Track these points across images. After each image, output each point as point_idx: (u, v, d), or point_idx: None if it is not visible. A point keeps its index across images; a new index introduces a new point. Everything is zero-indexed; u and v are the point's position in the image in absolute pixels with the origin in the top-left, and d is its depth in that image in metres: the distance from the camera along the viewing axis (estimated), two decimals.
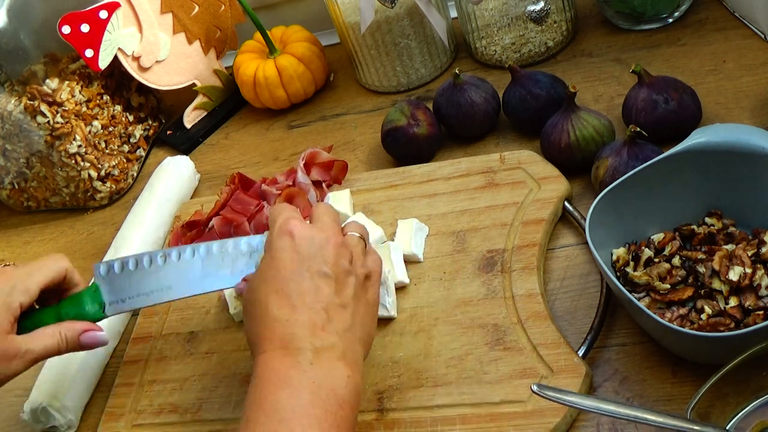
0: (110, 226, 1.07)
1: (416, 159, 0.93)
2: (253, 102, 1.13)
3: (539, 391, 0.58)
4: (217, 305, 0.87)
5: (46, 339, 0.69)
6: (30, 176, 1.08)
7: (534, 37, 1.00)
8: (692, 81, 0.87)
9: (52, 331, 0.70)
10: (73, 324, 0.71)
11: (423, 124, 0.92)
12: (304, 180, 0.91)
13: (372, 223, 0.85)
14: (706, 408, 0.57)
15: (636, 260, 0.72)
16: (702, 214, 0.74)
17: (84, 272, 1.00)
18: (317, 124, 1.09)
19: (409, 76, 1.06)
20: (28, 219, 1.14)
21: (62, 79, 1.04)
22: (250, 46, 1.12)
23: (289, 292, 0.62)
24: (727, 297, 0.67)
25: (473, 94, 0.91)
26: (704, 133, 0.71)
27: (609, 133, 0.84)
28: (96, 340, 0.71)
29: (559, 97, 0.87)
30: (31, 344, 0.68)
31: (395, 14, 1.00)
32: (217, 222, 0.91)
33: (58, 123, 1.02)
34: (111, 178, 1.09)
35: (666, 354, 0.67)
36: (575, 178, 0.84)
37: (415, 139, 0.92)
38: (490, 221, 0.82)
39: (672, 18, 0.98)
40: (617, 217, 0.71)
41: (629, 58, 0.97)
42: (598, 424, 0.65)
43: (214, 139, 1.15)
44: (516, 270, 0.76)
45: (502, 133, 0.94)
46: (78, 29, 1.00)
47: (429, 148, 0.94)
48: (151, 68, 1.09)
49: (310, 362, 0.60)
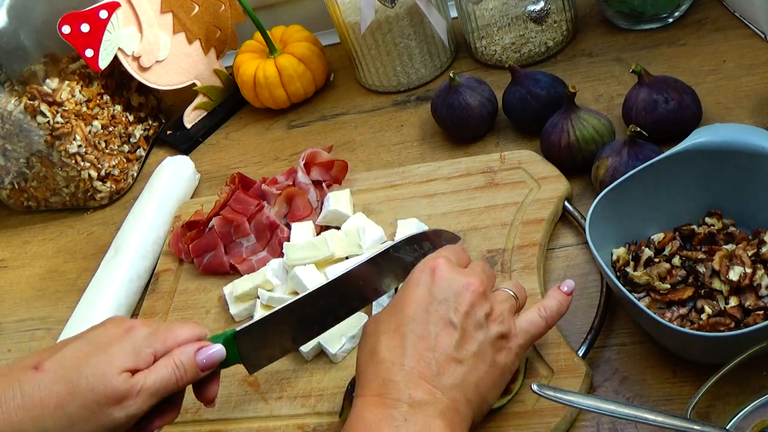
0: (110, 226, 1.07)
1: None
2: (253, 102, 1.13)
3: (539, 390, 0.58)
4: (218, 305, 0.87)
5: (159, 370, 0.60)
6: (30, 176, 1.08)
7: (534, 37, 1.00)
8: (692, 81, 0.87)
9: (163, 361, 0.61)
10: (182, 348, 0.62)
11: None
12: (304, 180, 0.92)
13: (372, 223, 0.85)
14: (706, 408, 0.57)
15: (636, 260, 0.72)
16: (702, 214, 0.74)
17: (84, 272, 1.01)
18: (317, 124, 1.09)
19: (409, 76, 1.06)
20: (28, 219, 1.14)
21: (62, 79, 1.04)
22: (250, 46, 1.12)
23: (405, 333, 0.58)
24: (727, 297, 0.67)
25: (468, 97, 0.91)
26: (704, 133, 0.71)
27: (609, 133, 0.84)
28: (213, 356, 0.63)
29: (559, 97, 0.87)
30: (143, 380, 0.59)
31: (395, 14, 1.00)
32: (217, 222, 0.91)
33: (58, 123, 1.02)
34: (111, 178, 1.09)
35: (666, 354, 0.67)
36: (575, 178, 0.84)
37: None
38: (490, 221, 0.82)
39: (672, 18, 0.98)
40: (617, 217, 0.71)
41: (629, 58, 0.97)
42: (598, 423, 0.65)
43: (214, 139, 1.15)
44: (516, 270, 0.76)
45: (502, 133, 0.95)
46: (78, 29, 1.00)
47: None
48: (151, 68, 1.09)
49: (404, 418, 0.55)
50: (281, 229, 0.88)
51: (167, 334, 0.63)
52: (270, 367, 0.77)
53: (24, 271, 1.06)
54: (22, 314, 0.99)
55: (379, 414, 0.55)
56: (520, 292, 0.65)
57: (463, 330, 0.59)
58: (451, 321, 0.59)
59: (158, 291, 0.91)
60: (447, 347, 0.58)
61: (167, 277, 0.93)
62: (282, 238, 0.88)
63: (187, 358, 0.62)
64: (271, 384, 0.77)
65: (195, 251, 0.91)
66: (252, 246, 0.90)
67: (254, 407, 0.75)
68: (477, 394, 0.58)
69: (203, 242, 0.91)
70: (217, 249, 0.90)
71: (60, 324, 0.92)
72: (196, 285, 0.90)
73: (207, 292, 0.89)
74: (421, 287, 0.61)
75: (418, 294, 0.60)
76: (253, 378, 0.77)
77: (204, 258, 0.90)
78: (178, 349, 0.62)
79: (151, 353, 0.61)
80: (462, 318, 0.59)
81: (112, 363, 0.59)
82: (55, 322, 0.96)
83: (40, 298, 1.01)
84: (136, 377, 0.59)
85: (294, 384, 0.76)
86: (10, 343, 0.96)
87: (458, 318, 0.59)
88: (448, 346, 0.58)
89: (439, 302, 0.59)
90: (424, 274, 0.61)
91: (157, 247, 0.96)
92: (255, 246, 0.90)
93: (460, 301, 0.59)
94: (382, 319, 0.61)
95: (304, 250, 0.83)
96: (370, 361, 0.59)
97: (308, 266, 0.81)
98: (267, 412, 0.75)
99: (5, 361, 0.94)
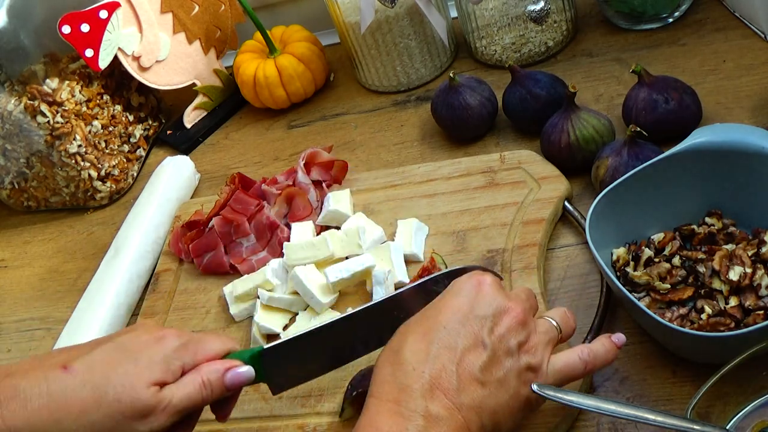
0: (110, 226, 1.07)
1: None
2: (253, 102, 1.13)
3: (539, 390, 0.58)
4: (218, 305, 0.87)
5: (186, 387, 0.59)
6: (30, 176, 1.08)
7: (534, 36, 1.00)
8: (692, 81, 0.87)
9: (191, 377, 0.60)
10: (211, 365, 0.61)
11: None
12: (304, 180, 0.92)
13: (372, 223, 0.85)
14: (706, 408, 0.57)
15: (636, 260, 0.72)
16: (702, 214, 0.74)
17: (84, 272, 1.01)
18: (317, 124, 1.09)
19: (409, 75, 1.06)
20: (28, 219, 1.14)
21: (62, 78, 1.04)
22: (250, 46, 1.12)
23: (432, 339, 0.56)
24: (727, 297, 0.67)
25: (468, 97, 0.92)
26: (704, 133, 0.71)
27: (609, 133, 0.84)
28: (242, 377, 0.61)
29: (559, 96, 0.87)
30: (170, 395, 0.58)
31: (395, 14, 1.00)
32: (217, 222, 0.91)
33: (58, 123, 1.02)
34: (111, 177, 1.09)
35: (666, 354, 0.67)
36: (575, 178, 0.84)
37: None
38: (490, 221, 0.82)
39: (672, 18, 0.98)
40: (617, 217, 0.71)
41: (629, 57, 0.97)
42: (599, 423, 0.65)
43: (214, 139, 1.15)
44: (516, 270, 0.76)
45: (502, 133, 0.95)
46: (78, 29, 1.00)
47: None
48: (151, 68, 1.09)
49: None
50: (281, 229, 0.88)
51: (197, 347, 0.61)
52: None
53: (24, 271, 1.06)
54: (22, 314, 0.99)
55: (392, 423, 0.54)
56: (566, 323, 0.62)
57: (493, 352, 0.56)
58: (483, 340, 0.57)
59: (158, 291, 0.91)
60: (472, 366, 0.56)
61: (167, 277, 0.93)
62: (282, 238, 0.88)
63: (216, 377, 0.60)
64: None
65: (195, 251, 0.91)
66: (252, 246, 0.90)
67: (254, 407, 0.75)
68: (492, 420, 0.56)
69: (203, 242, 0.91)
70: (217, 249, 0.90)
71: (60, 324, 0.92)
72: (196, 285, 0.90)
73: (207, 292, 0.89)
74: (462, 297, 0.59)
75: (457, 303, 0.58)
76: None
77: (204, 258, 0.90)
78: (207, 366, 0.61)
79: (180, 366, 0.60)
80: (495, 340, 0.57)
81: (141, 375, 0.58)
82: (55, 322, 0.96)
83: (40, 298, 1.01)
84: (164, 392, 0.58)
85: None
86: (10, 343, 0.96)
87: (491, 339, 0.57)
88: (474, 365, 0.56)
89: (476, 317, 0.57)
90: (469, 284, 0.59)
91: (157, 247, 0.96)
92: (255, 246, 0.90)
93: (497, 322, 0.57)
94: (415, 320, 0.59)
95: (304, 250, 0.83)
96: (391, 360, 0.57)
97: (308, 266, 0.81)
98: (267, 412, 0.75)
99: (5, 361, 0.94)
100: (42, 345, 0.94)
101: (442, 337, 0.57)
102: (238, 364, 0.62)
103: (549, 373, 0.59)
